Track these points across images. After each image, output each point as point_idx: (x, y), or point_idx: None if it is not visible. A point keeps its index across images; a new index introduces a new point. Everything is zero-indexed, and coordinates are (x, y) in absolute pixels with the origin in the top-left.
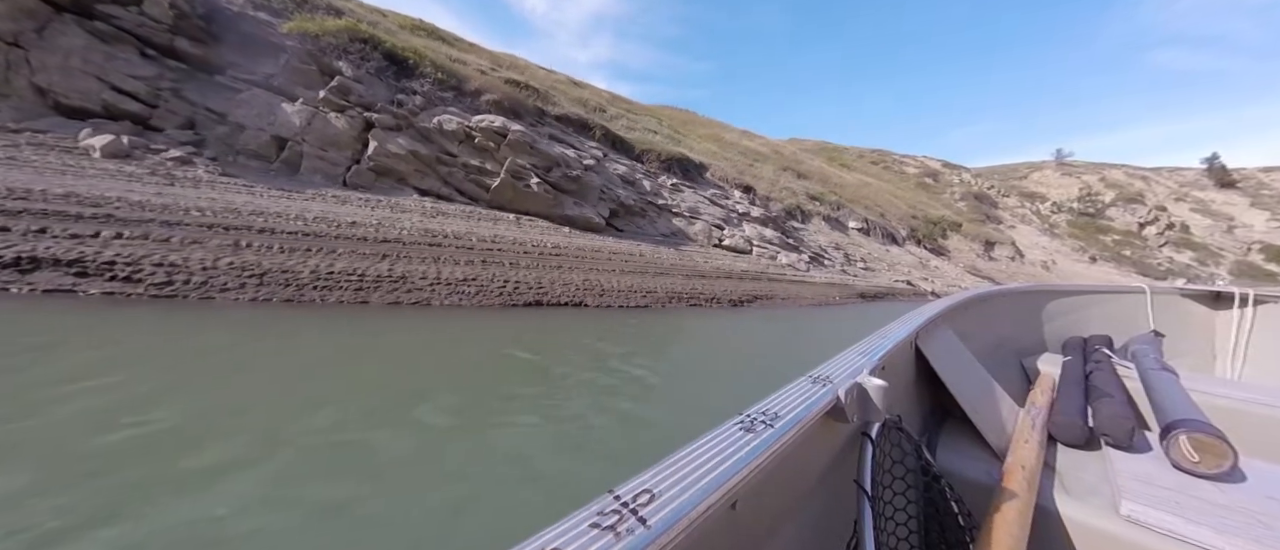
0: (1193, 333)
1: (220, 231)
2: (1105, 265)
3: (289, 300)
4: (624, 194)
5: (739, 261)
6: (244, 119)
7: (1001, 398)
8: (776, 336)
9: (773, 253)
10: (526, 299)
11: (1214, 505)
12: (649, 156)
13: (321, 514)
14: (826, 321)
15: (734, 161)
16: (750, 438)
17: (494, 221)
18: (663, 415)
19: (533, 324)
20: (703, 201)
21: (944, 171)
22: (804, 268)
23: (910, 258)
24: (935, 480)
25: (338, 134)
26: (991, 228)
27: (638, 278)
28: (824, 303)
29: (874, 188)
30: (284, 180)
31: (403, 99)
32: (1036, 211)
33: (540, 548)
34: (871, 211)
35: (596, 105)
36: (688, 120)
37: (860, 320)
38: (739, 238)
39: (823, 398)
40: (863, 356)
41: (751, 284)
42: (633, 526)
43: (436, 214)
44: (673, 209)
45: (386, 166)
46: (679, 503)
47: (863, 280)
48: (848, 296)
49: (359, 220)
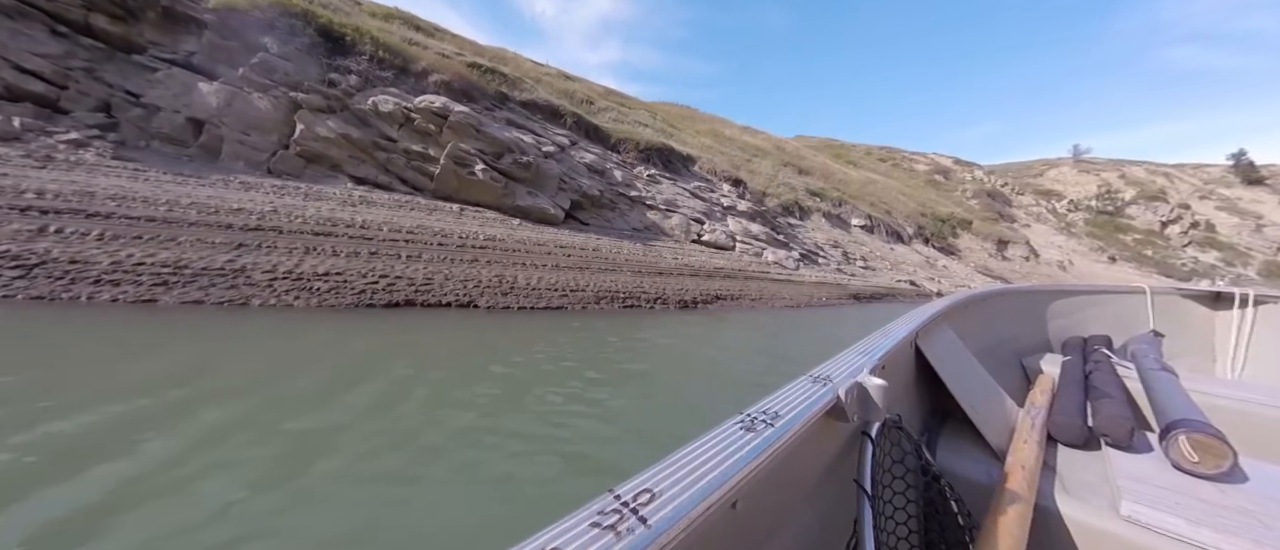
0: (1193, 333)
1: (35, 215)
2: (1125, 265)
3: (41, 296)
4: (589, 184)
5: (716, 258)
6: (159, 100)
7: (1001, 398)
8: (698, 354)
9: (758, 249)
10: (396, 298)
11: (1214, 505)
12: (626, 146)
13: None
14: (794, 328)
15: (730, 156)
16: (751, 437)
17: (429, 212)
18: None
19: (361, 327)
20: (683, 194)
21: (955, 169)
22: (792, 265)
23: (917, 257)
24: (935, 480)
25: (260, 116)
26: (1005, 226)
27: (573, 274)
28: (807, 304)
29: (880, 185)
30: (198, 167)
31: (336, 78)
32: (1052, 210)
33: (540, 548)
34: (876, 209)
35: (584, 97)
36: (687, 116)
37: (836, 324)
38: (721, 233)
39: (823, 397)
40: (863, 356)
41: (721, 282)
42: (633, 526)
43: (360, 202)
44: (647, 201)
45: (316, 152)
46: (679, 502)
47: (860, 280)
48: (838, 297)
49: (248, 207)
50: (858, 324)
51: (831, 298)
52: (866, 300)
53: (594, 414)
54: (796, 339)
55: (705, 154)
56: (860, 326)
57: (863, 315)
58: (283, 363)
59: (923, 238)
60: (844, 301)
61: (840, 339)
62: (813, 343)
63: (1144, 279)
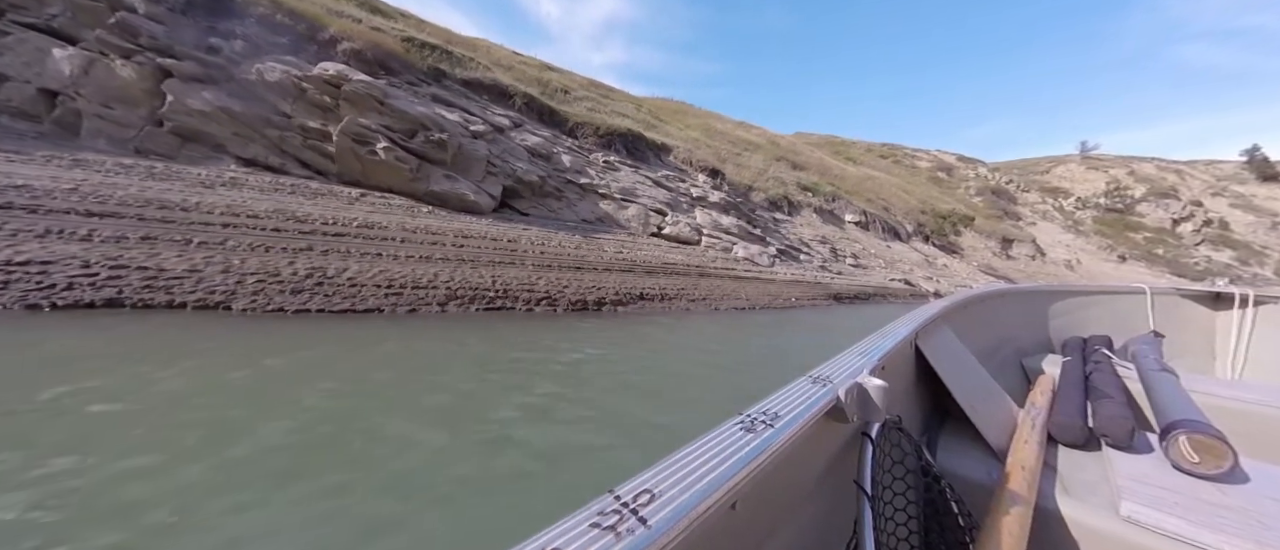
0: (1193, 333)
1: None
2: (1136, 264)
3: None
4: (526, 168)
5: (674, 252)
6: (6, 68)
7: (1001, 398)
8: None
9: (728, 243)
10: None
11: (1214, 506)
12: (584, 130)
13: None
14: (718, 344)
15: (717, 149)
16: (750, 438)
17: (315, 197)
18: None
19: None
20: (645, 183)
21: (959, 166)
22: (766, 262)
23: (915, 254)
24: (935, 480)
25: (123, 86)
26: (1010, 224)
27: (437, 267)
28: (770, 305)
29: (879, 180)
30: (47, 144)
31: (218, 43)
32: (1059, 207)
33: (540, 548)
34: (873, 205)
35: (561, 86)
36: (679, 110)
37: (776, 331)
38: (685, 226)
39: (823, 398)
40: (862, 357)
41: (663, 279)
42: (633, 526)
43: (230, 184)
44: (599, 190)
45: (192, 128)
46: (679, 503)
47: (847, 279)
48: (814, 297)
49: (44, 186)
50: (807, 338)
51: (805, 298)
52: (850, 301)
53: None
54: (689, 370)
55: (690, 146)
56: (803, 345)
57: (822, 322)
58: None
59: (922, 235)
60: (820, 302)
61: (750, 366)
62: (718, 374)
63: (1156, 278)
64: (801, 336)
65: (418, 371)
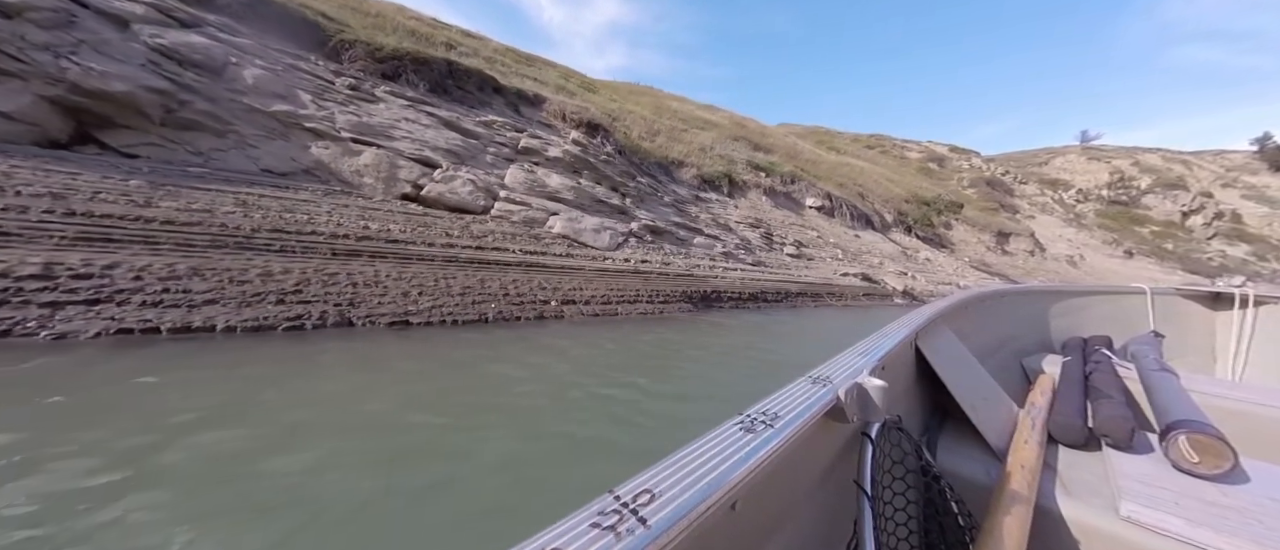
0: (1193, 333)
1: None
2: (1145, 260)
3: None
4: (135, 75)
5: (413, 223)
6: None
7: (1001, 398)
8: None
9: (547, 213)
10: None
11: (1214, 506)
12: (355, 51)
13: None
14: None
15: (653, 122)
16: (750, 438)
17: None
18: None
19: None
20: (422, 122)
21: (951, 156)
22: (606, 242)
23: (889, 247)
24: (935, 480)
25: None
26: (1006, 217)
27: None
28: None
29: (857, 168)
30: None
31: None
32: (1059, 200)
33: (540, 548)
34: (846, 190)
35: (445, 41)
36: (638, 91)
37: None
38: (471, 185)
39: (823, 398)
40: (862, 357)
41: (359, 266)
42: (633, 526)
43: None
44: (308, 125)
45: None
46: (679, 503)
47: (761, 271)
48: (658, 296)
49: None
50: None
51: (629, 298)
52: (744, 301)
53: None
54: None
55: (578, 103)
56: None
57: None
58: None
59: (903, 226)
60: (671, 304)
61: None
62: None
63: (1166, 275)
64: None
65: None
